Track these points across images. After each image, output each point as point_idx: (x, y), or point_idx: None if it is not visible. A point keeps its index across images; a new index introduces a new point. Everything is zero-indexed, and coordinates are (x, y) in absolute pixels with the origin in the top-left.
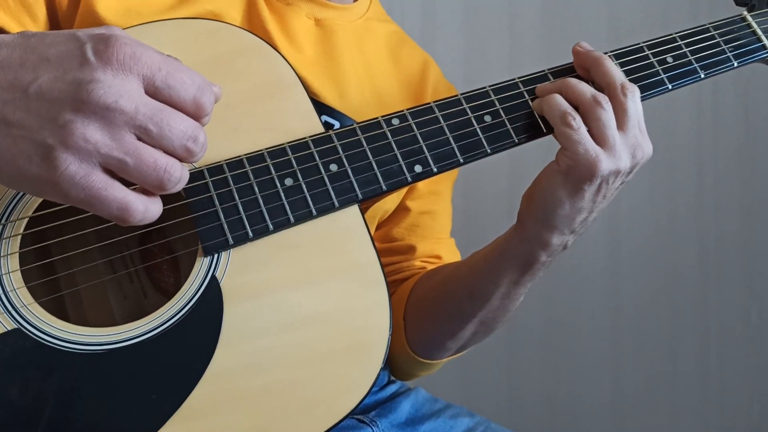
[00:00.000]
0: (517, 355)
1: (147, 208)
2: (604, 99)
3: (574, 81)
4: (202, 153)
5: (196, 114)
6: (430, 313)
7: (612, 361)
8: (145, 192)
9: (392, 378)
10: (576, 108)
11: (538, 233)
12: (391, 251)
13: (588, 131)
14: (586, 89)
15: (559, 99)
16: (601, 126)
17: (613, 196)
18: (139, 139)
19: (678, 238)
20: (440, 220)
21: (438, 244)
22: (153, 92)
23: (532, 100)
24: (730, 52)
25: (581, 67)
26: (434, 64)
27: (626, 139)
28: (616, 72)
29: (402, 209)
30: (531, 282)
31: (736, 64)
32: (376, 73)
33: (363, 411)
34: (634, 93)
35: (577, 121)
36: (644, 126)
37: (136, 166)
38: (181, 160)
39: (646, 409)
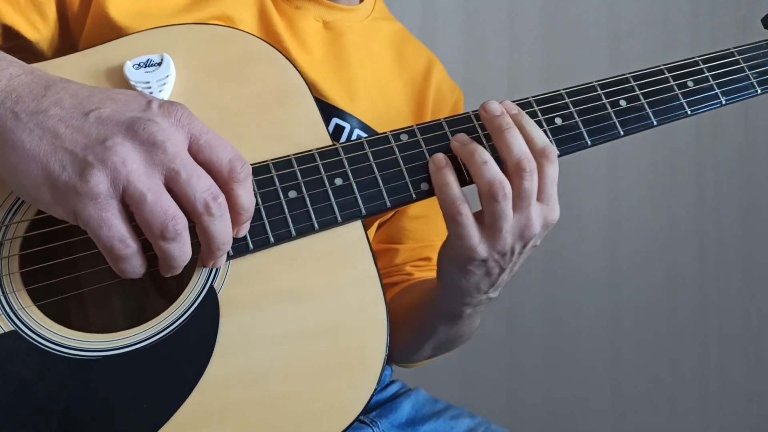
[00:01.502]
0: (518, 355)
1: (136, 254)
2: (500, 191)
3: (479, 162)
4: (221, 220)
5: (229, 176)
6: (395, 329)
7: (612, 361)
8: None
9: (393, 378)
10: None
11: (451, 295)
12: (381, 253)
13: (478, 213)
14: (486, 175)
15: (452, 188)
16: (491, 217)
17: (522, 261)
18: (168, 183)
19: (678, 239)
20: (433, 225)
21: (427, 248)
22: (195, 150)
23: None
24: (754, 78)
25: None
26: (438, 64)
27: (517, 221)
28: (514, 146)
29: (400, 211)
30: (474, 318)
31: (759, 91)
32: (383, 74)
33: (364, 411)
34: (532, 171)
35: (462, 217)
36: (552, 194)
37: (151, 204)
38: (198, 216)
39: (646, 409)
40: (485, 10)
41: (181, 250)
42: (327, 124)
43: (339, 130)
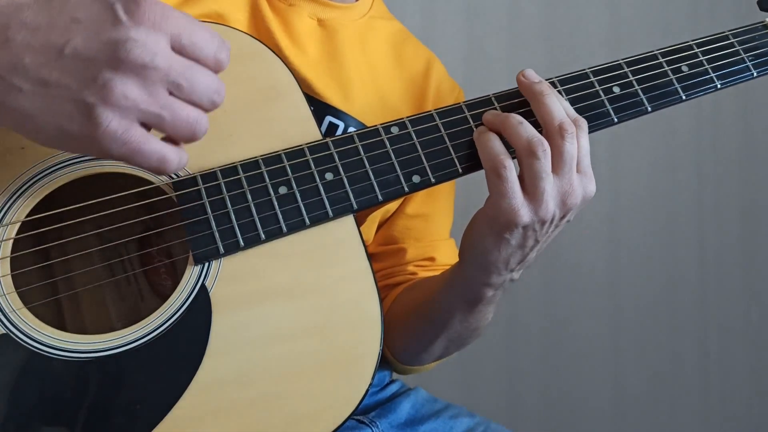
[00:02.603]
0: (517, 355)
1: (180, 158)
2: (540, 147)
3: (514, 122)
4: (221, 99)
5: (216, 69)
6: (403, 327)
7: (612, 360)
8: (175, 143)
9: (393, 378)
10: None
11: (475, 274)
12: (384, 255)
13: (520, 177)
14: (523, 133)
15: (493, 143)
16: (532, 176)
17: (553, 237)
18: (171, 93)
19: (678, 238)
20: (435, 222)
21: (430, 247)
22: (179, 49)
23: (477, 126)
24: (750, 61)
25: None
26: (438, 62)
27: (559, 185)
28: (555, 110)
29: (399, 211)
30: (489, 307)
31: (755, 74)
32: (380, 73)
33: (363, 412)
34: (573, 134)
35: (506, 171)
36: (588, 165)
37: (171, 120)
38: (206, 110)
39: (646, 409)
40: (485, 10)
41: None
42: (320, 122)
43: (333, 128)
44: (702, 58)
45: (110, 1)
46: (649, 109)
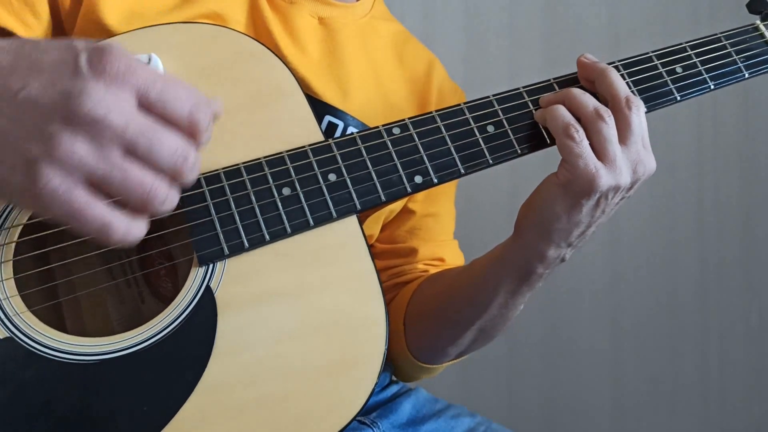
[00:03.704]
0: (518, 355)
1: (129, 230)
2: (606, 112)
3: (577, 92)
4: (192, 174)
5: (190, 131)
6: (430, 319)
7: (612, 361)
8: (131, 212)
9: (393, 378)
10: (579, 120)
11: (534, 245)
12: (393, 253)
13: (589, 145)
14: (588, 101)
15: (562, 110)
16: (602, 140)
17: (612, 212)
18: (129, 154)
19: (678, 239)
20: (442, 222)
21: (440, 247)
22: (147, 106)
23: (536, 110)
24: (742, 62)
25: (586, 79)
26: (439, 64)
27: (628, 154)
28: (620, 85)
29: (405, 211)
30: (529, 292)
31: (747, 75)
32: (381, 73)
33: (364, 412)
34: (639, 107)
35: (579, 134)
36: (648, 141)
37: (121, 183)
38: (170, 179)
39: (646, 409)
40: (485, 10)
41: (172, 204)
42: (320, 122)
43: (332, 127)
44: (696, 59)
45: (78, 49)
46: (645, 109)
